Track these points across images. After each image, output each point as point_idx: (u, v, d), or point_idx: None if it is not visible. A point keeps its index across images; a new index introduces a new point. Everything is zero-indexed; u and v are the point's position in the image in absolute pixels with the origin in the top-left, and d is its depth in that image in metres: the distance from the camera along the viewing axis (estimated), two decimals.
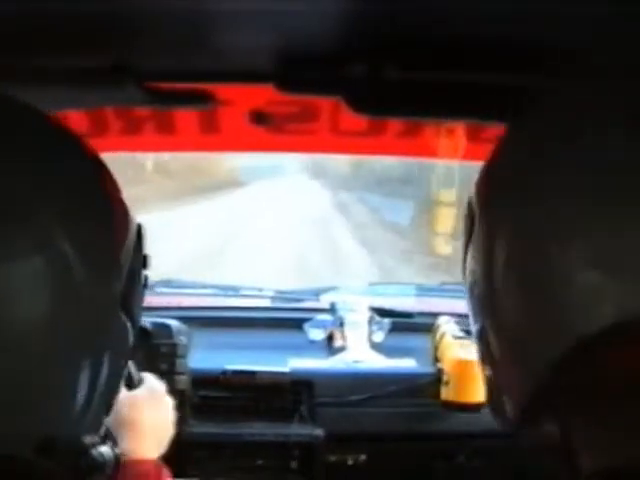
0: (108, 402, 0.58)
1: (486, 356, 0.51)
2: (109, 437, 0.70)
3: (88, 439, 0.56)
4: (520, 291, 0.45)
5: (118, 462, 0.65)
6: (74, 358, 0.51)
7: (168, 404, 0.95)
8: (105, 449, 0.62)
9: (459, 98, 0.69)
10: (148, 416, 0.88)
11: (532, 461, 1.25)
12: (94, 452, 0.59)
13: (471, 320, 0.53)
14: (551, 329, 0.43)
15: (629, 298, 0.41)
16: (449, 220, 1.91)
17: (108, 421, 0.63)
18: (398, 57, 0.65)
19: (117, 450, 0.66)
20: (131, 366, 0.94)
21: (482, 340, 0.51)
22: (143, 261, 0.60)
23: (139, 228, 0.59)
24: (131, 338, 0.58)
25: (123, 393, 0.89)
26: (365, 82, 0.68)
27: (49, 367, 0.49)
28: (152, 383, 0.94)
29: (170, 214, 8.22)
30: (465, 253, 0.52)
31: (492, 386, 0.52)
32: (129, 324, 0.56)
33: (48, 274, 0.47)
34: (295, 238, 7.98)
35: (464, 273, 0.53)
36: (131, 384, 0.92)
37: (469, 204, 0.52)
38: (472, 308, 0.52)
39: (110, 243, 0.54)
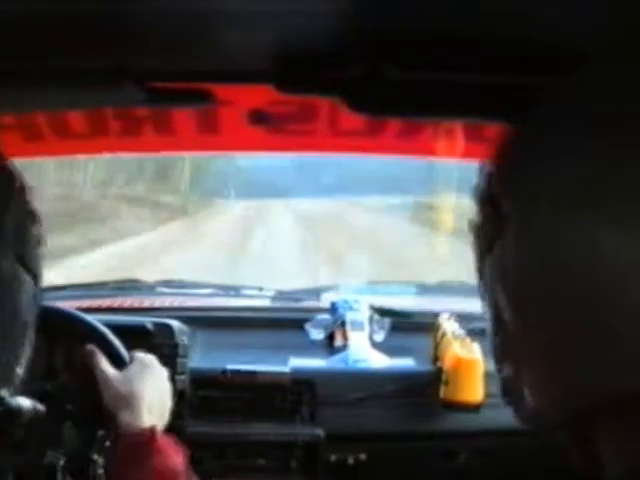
0: (16, 356, 0.57)
1: (508, 355, 0.47)
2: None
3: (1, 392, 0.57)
4: (572, 305, 0.40)
5: (38, 415, 0.67)
6: None
7: (161, 375, 0.98)
8: (22, 400, 0.64)
9: (459, 98, 0.69)
10: (141, 389, 0.91)
11: (532, 461, 1.25)
12: (10, 401, 0.61)
13: (488, 317, 0.48)
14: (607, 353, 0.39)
15: None
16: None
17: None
18: (398, 57, 0.65)
19: (38, 406, 0.67)
20: (119, 347, 0.98)
21: (506, 340, 0.46)
22: (32, 217, 0.58)
23: (22, 182, 0.58)
24: (33, 292, 0.57)
25: (113, 371, 0.93)
26: (365, 82, 0.68)
27: None
28: (142, 358, 0.97)
29: None
30: (483, 256, 0.47)
31: (514, 384, 0.47)
32: (29, 277, 0.56)
33: None
34: None
35: (482, 275, 0.48)
36: (120, 363, 0.95)
37: (492, 198, 0.45)
38: (495, 306, 0.47)
39: None
